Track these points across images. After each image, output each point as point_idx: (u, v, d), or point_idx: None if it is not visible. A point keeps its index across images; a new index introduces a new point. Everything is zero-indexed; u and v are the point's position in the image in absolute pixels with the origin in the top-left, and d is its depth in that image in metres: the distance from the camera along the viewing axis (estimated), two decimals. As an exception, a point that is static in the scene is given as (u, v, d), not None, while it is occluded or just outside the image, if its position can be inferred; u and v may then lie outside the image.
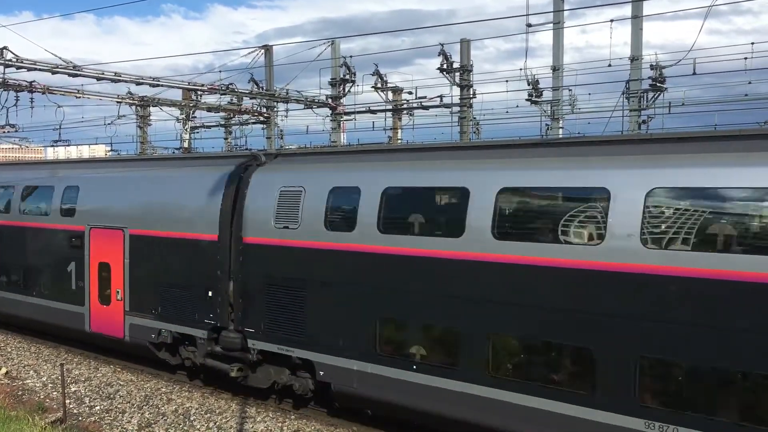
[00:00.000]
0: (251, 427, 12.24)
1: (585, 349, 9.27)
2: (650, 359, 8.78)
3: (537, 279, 9.61)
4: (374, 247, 11.17)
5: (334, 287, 11.69)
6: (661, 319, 8.63)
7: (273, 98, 36.89)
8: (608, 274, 9.02)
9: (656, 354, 8.73)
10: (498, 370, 10.02)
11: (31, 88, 29.57)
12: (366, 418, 12.05)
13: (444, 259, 10.45)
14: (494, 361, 10.07)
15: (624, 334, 8.90)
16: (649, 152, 9.51)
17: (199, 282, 13.60)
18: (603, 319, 9.06)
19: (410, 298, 10.81)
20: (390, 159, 12.56)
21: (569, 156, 10.21)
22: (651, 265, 8.69)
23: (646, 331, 8.73)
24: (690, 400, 8.52)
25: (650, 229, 8.80)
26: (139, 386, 14.64)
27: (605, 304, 9.08)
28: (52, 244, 17.10)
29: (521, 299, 9.77)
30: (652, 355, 8.76)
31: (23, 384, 15.04)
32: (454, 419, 10.41)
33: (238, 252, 12.95)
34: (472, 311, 10.17)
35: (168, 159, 19.84)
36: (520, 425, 9.75)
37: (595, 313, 9.14)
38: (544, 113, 30.44)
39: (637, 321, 8.80)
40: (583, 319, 9.21)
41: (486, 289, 10.09)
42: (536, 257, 9.64)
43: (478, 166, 10.68)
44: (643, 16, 27.23)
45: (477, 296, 10.16)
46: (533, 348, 9.88)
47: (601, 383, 9.06)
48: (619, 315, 8.96)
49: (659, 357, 8.73)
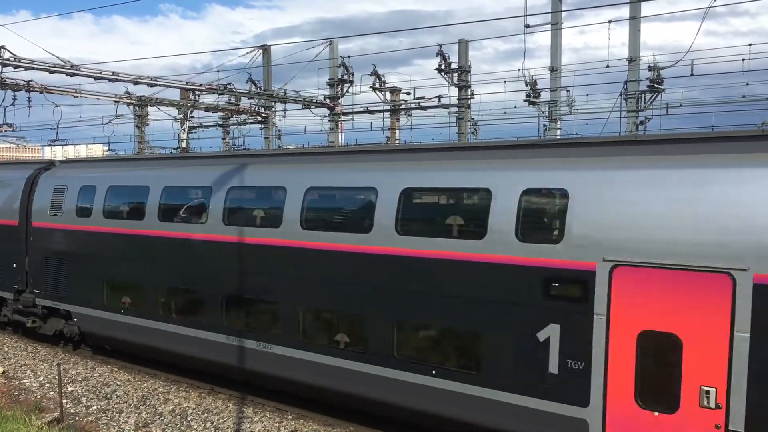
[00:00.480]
0: (248, 427, 12.23)
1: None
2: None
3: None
4: (101, 228, 15.70)
5: (80, 259, 16.16)
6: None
7: (271, 98, 36.88)
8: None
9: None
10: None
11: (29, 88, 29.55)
12: (364, 417, 12.04)
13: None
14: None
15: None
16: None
17: (8, 256, 18.05)
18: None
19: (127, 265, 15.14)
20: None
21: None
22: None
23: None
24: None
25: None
26: (136, 386, 14.62)
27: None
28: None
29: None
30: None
31: (20, 384, 15.01)
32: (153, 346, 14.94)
33: (29, 233, 17.43)
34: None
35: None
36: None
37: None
38: (542, 114, 30.49)
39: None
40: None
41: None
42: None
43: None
44: (641, 17, 27.28)
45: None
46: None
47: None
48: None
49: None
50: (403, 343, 10.85)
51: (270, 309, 12.66)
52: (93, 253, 15.77)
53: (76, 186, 16.36)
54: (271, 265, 12.32)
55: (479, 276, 9.83)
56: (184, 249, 13.79)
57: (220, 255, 13.08)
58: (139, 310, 14.86)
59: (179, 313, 14.17)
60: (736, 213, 8.03)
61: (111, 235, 15.32)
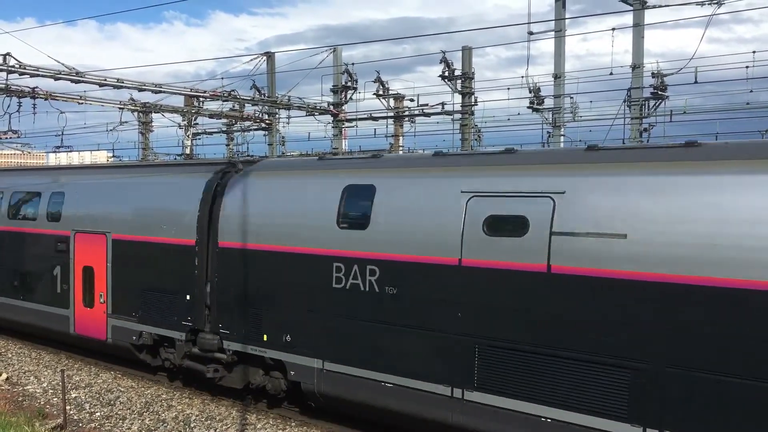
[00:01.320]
0: (252, 434, 12.21)
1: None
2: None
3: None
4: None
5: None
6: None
7: (275, 105, 36.99)
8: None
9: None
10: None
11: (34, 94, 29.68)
12: (368, 425, 12.01)
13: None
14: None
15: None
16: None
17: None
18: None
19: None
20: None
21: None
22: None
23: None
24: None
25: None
26: (139, 392, 14.61)
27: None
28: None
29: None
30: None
31: (24, 390, 15.01)
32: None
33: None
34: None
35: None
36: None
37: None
38: (546, 121, 30.50)
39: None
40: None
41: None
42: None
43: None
44: (644, 25, 27.32)
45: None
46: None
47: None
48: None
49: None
50: None
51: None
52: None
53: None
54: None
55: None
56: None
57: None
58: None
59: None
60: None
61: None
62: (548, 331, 9.03)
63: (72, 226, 16.06)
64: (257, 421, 12.78)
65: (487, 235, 9.63)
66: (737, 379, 7.70)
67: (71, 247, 15.97)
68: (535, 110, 30.71)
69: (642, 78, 27.81)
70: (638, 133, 27.66)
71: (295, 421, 12.80)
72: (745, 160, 8.21)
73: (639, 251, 8.36)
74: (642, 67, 27.73)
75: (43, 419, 12.76)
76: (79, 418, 13.21)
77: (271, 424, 12.62)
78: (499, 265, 9.48)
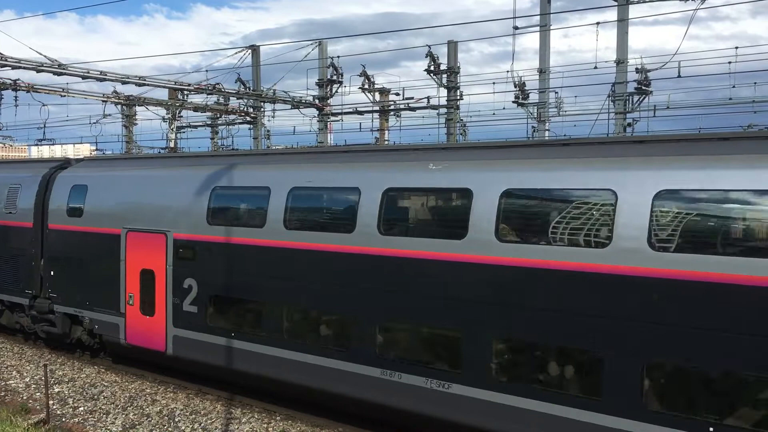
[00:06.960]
0: (237, 428, 12.20)
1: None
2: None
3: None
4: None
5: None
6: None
7: (260, 98, 36.78)
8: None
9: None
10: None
11: (16, 87, 29.34)
12: (352, 418, 12.04)
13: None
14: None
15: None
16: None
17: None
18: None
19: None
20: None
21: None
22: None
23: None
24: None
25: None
26: (123, 387, 14.55)
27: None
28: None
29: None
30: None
31: (6, 385, 14.90)
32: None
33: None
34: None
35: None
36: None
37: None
38: (531, 115, 30.60)
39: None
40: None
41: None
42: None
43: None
44: (628, 20, 27.47)
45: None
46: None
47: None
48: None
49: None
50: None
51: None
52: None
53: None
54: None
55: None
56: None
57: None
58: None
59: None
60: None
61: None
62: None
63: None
64: (242, 415, 12.77)
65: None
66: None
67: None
68: (521, 105, 30.78)
69: (626, 73, 27.94)
70: (622, 128, 27.81)
71: (280, 414, 12.81)
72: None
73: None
74: (626, 62, 27.86)
75: (25, 414, 12.68)
76: (62, 412, 13.14)
77: (256, 418, 12.62)
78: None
